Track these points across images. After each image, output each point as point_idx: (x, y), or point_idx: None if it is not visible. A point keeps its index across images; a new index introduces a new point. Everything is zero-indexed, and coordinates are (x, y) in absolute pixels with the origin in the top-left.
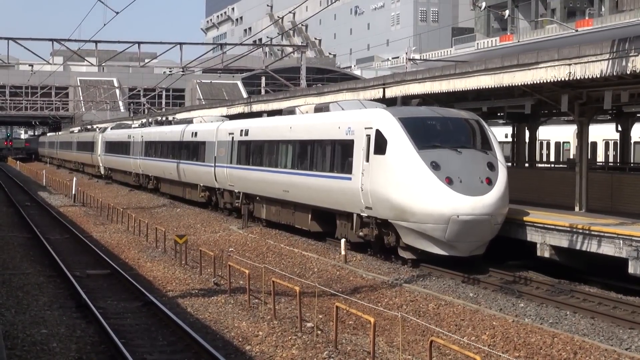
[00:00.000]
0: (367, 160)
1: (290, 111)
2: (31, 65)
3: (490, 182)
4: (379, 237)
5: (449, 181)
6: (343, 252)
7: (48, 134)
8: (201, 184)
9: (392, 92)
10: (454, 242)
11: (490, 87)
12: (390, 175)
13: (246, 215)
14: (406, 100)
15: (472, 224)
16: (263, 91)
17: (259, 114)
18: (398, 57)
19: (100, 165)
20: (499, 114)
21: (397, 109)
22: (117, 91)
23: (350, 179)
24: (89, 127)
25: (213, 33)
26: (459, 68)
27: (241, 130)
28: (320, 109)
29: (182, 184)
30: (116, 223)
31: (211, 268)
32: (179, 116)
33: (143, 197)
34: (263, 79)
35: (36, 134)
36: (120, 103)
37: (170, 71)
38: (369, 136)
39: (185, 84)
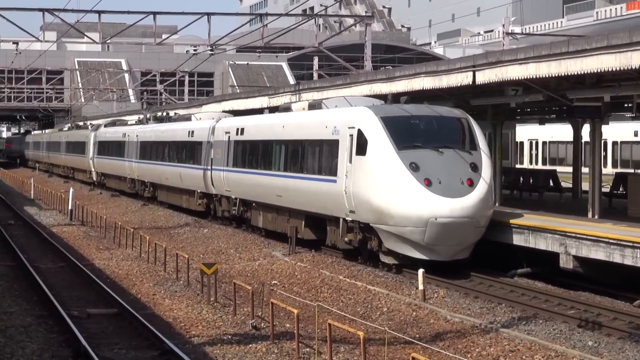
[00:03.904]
0: (350, 161)
1: (286, 108)
2: (16, 42)
3: (472, 184)
4: (364, 242)
5: (428, 183)
6: (421, 287)
7: (33, 133)
8: (198, 190)
9: (484, 76)
10: (433, 246)
11: (614, 69)
12: (370, 176)
13: (293, 239)
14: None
15: (451, 226)
16: (315, 75)
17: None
18: (492, 31)
19: (93, 170)
20: (626, 105)
21: (381, 107)
22: (127, 76)
23: (335, 181)
24: (80, 123)
25: (250, 1)
26: (573, 45)
27: (237, 129)
28: (313, 106)
29: (179, 191)
30: (125, 247)
31: (248, 306)
32: (206, 108)
33: (159, 213)
34: (315, 59)
35: (22, 131)
36: (130, 91)
37: (195, 50)
38: (352, 136)
39: (215, 66)
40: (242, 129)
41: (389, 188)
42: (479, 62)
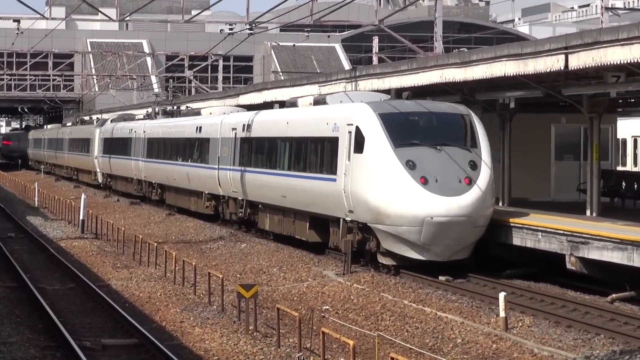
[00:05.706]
0: (349, 159)
1: (293, 103)
2: (17, 20)
3: (470, 182)
4: (362, 243)
5: (424, 181)
6: (502, 314)
7: (32, 129)
8: (206, 192)
9: (579, 60)
10: (430, 246)
11: None
12: (367, 175)
13: (349, 255)
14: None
15: (447, 225)
16: (375, 59)
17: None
18: (588, 6)
19: (98, 170)
20: None
21: (380, 104)
22: (149, 60)
23: (335, 180)
24: (85, 118)
25: None
26: None
27: (243, 125)
28: (318, 101)
29: (188, 193)
30: (147, 265)
31: (295, 337)
32: (243, 99)
33: (188, 224)
34: (375, 40)
35: (24, 126)
36: (154, 78)
37: (230, 29)
38: (350, 133)
39: (254, 48)
40: (249, 125)
41: (385, 187)
42: (572, 43)
